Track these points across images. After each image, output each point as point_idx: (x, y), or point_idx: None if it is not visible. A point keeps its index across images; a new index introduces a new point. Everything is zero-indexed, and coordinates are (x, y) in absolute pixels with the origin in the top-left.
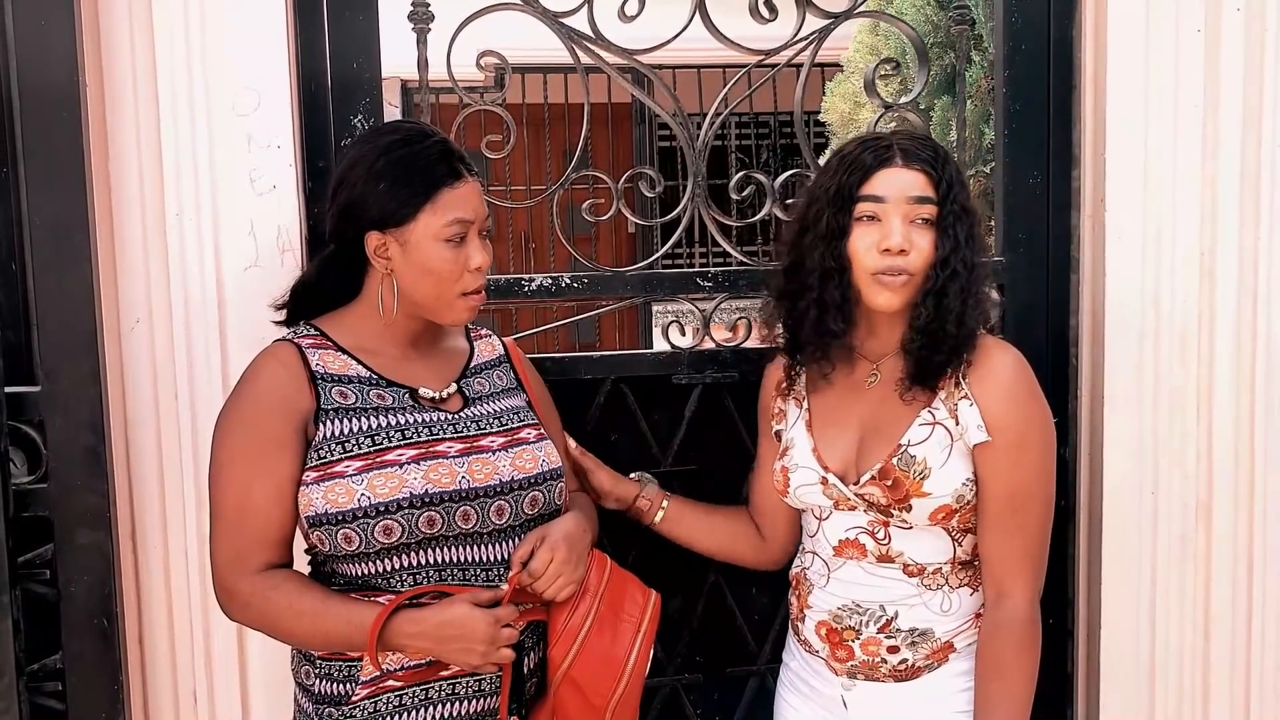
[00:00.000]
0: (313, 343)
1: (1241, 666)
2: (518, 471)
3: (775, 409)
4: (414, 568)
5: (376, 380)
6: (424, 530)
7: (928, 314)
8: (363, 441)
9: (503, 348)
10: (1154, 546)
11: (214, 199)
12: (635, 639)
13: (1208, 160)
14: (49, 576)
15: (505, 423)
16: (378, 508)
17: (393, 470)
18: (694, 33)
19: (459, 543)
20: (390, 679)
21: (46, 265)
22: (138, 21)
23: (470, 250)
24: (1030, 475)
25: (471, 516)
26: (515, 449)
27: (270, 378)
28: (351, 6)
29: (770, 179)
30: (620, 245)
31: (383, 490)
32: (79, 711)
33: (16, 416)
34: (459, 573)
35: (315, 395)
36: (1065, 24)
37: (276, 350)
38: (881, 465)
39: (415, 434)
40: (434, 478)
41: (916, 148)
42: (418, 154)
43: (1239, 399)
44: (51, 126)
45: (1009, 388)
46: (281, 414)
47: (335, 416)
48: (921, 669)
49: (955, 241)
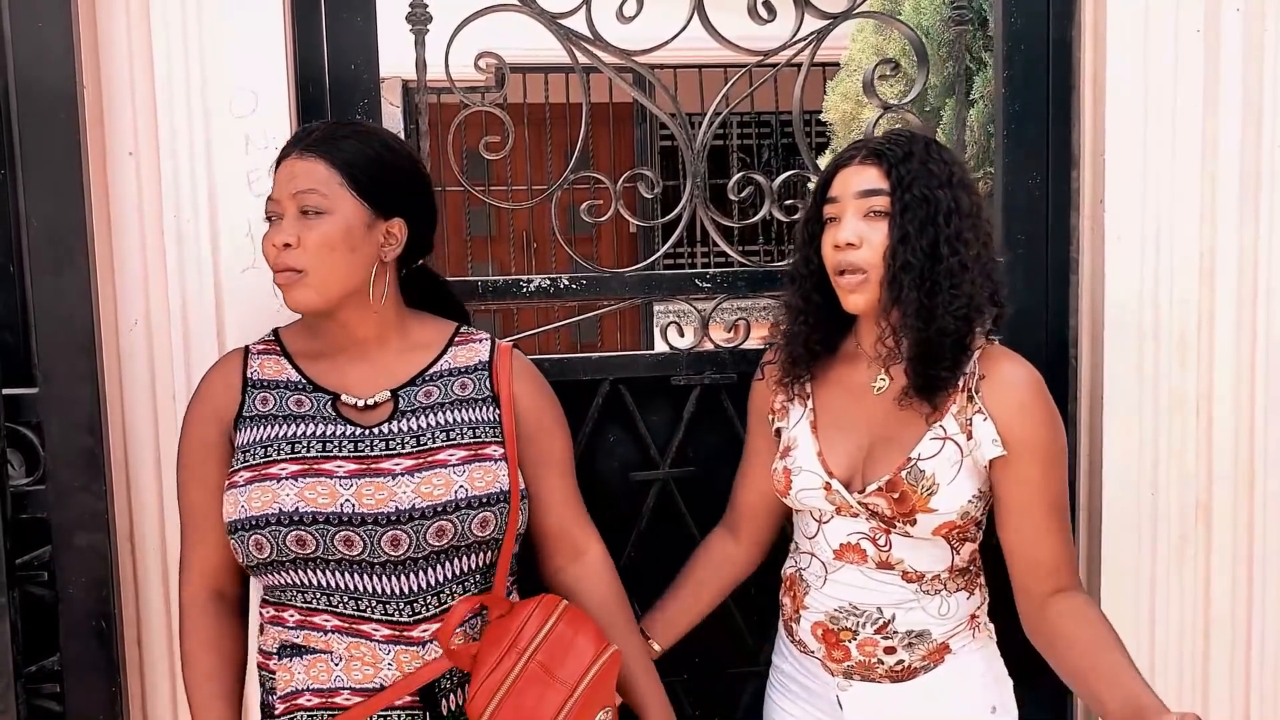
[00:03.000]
0: (263, 348)
1: (1241, 668)
2: (420, 499)
3: (776, 405)
4: (301, 586)
5: (303, 385)
6: (293, 549)
7: (886, 310)
8: (256, 452)
9: (488, 354)
10: (1153, 548)
11: (212, 200)
12: (564, 704)
13: (1207, 161)
14: (47, 578)
15: (424, 442)
16: (252, 520)
17: (269, 484)
18: (692, 33)
19: (345, 569)
20: (300, 698)
21: (44, 267)
22: (135, 23)
23: (274, 230)
24: (1062, 481)
25: (356, 543)
26: (425, 473)
27: (206, 386)
28: (349, 7)
29: (770, 179)
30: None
31: (257, 504)
32: (77, 713)
33: (14, 418)
34: (350, 601)
35: (241, 402)
36: (1064, 24)
37: (226, 358)
38: (890, 477)
39: (305, 448)
40: (309, 496)
41: (879, 144)
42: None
43: (1239, 400)
44: (49, 128)
45: (1028, 402)
46: (212, 420)
47: (248, 424)
48: (918, 670)
49: (904, 231)
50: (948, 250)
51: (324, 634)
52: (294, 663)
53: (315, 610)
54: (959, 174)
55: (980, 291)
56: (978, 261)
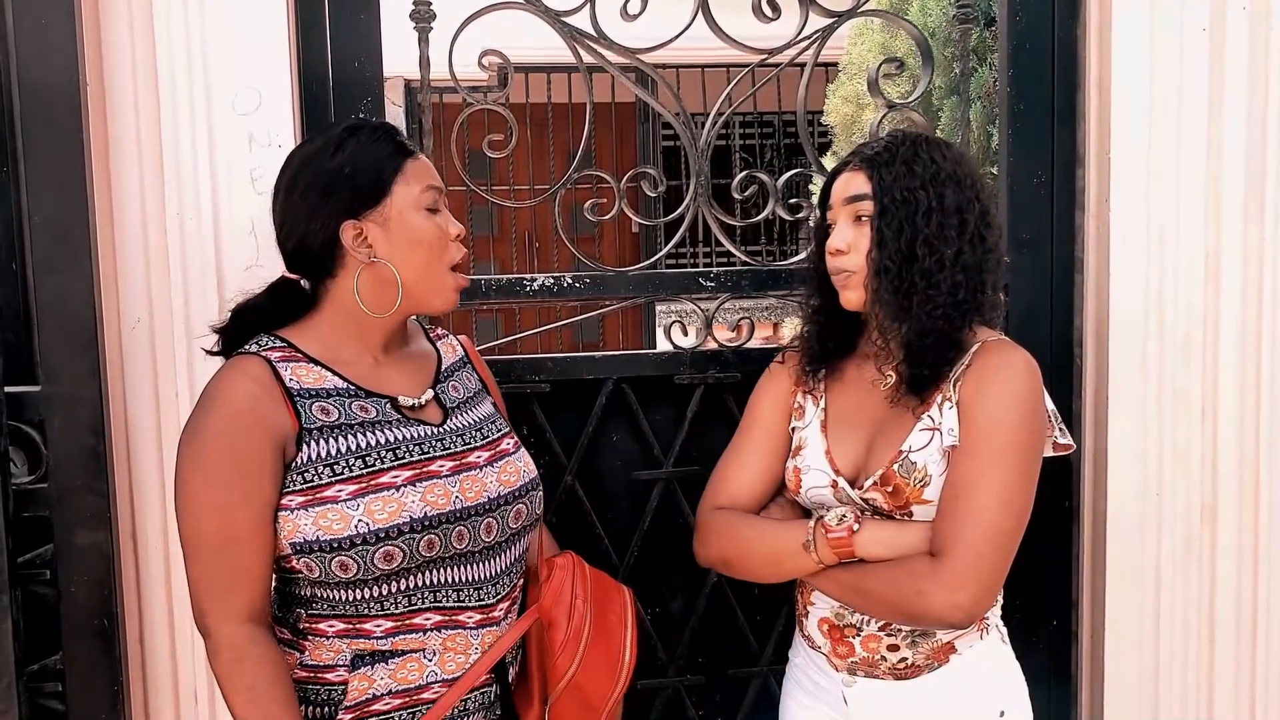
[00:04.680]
0: (281, 355)
1: (1246, 670)
2: (503, 486)
3: (795, 404)
4: (409, 590)
5: (355, 391)
6: (424, 554)
7: (875, 310)
8: (354, 463)
9: (462, 348)
10: (1158, 549)
11: (215, 198)
12: (625, 635)
13: (1212, 160)
14: (49, 577)
15: (487, 434)
16: (377, 534)
17: (390, 494)
18: (696, 32)
19: (454, 563)
20: (377, 703)
21: (47, 265)
22: (138, 21)
23: (446, 218)
24: (1008, 473)
25: (465, 536)
26: (500, 463)
27: (244, 394)
28: (353, 5)
29: (773, 179)
30: (623, 245)
31: (381, 516)
32: (79, 712)
33: (17, 416)
34: (453, 593)
35: (295, 414)
36: (1069, 23)
37: (245, 364)
38: (883, 471)
39: (407, 453)
40: (431, 499)
41: (870, 149)
42: (368, 138)
43: (1243, 400)
44: (52, 126)
45: (991, 384)
46: (260, 433)
47: (320, 436)
48: (921, 668)
49: (881, 235)
50: (925, 250)
51: (422, 633)
52: (374, 670)
53: (417, 610)
54: (949, 169)
55: (965, 288)
56: (959, 259)
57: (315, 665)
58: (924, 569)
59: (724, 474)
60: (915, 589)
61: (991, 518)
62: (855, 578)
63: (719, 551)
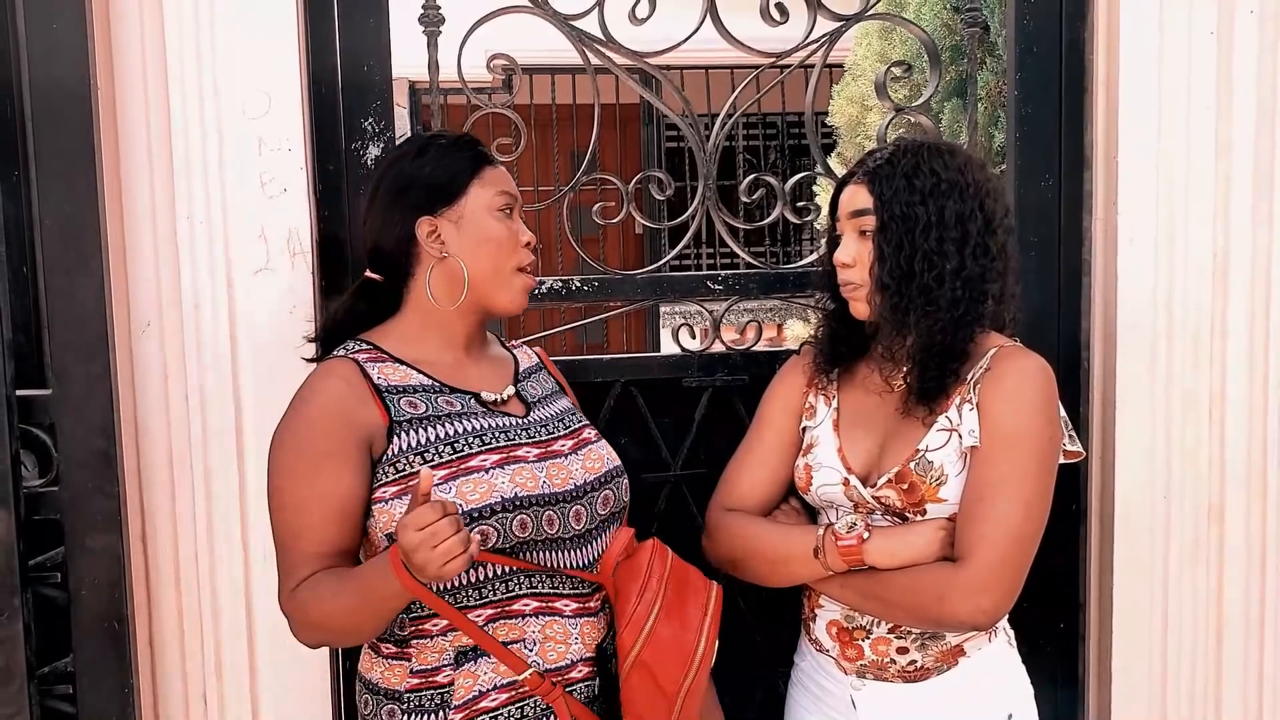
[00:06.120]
0: (368, 356)
1: (1254, 670)
2: (588, 473)
3: (806, 404)
4: (506, 575)
5: (439, 387)
6: (517, 534)
7: (876, 324)
8: (443, 450)
9: (536, 355)
10: (1166, 549)
11: (225, 202)
12: (703, 625)
13: (1221, 162)
14: (60, 579)
15: (569, 425)
16: (470, 515)
17: (479, 476)
18: (704, 34)
19: (546, 548)
20: (484, 700)
21: (57, 268)
22: (148, 24)
23: (519, 225)
24: (1029, 476)
25: (555, 522)
26: (583, 450)
27: (330, 393)
28: (362, 9)
29: (780, 181)
30: (629, 248)
31: (473, 496)
32: (90, 714)
33: (28, 419)
34: (548, 579)
35: (385, 409)
36: (1077, 26)
37: (334, 366)
38: (899, 469)
39: (494, 439)
40: (519, 481)
41: (874, 161)
42: (451, 144)
43: (1252, 401)
44: (62, 129)
45: (1011, 387)
46: (342, 430)
47: (410, 428)
48: (931, 670)
49: (880, 251)
50: (924, 266)
51: (521, 619)
52: (478, 664)
53: (515, 597)
54: (951, 179)
55: (965, 301)
56: (960, 274)
57: (424, 670)
58: (946, 574)
59: (734, 475)
60: (937, 594)
61: (1014, 522)
62: (873, 585)
63: (728, 552)
